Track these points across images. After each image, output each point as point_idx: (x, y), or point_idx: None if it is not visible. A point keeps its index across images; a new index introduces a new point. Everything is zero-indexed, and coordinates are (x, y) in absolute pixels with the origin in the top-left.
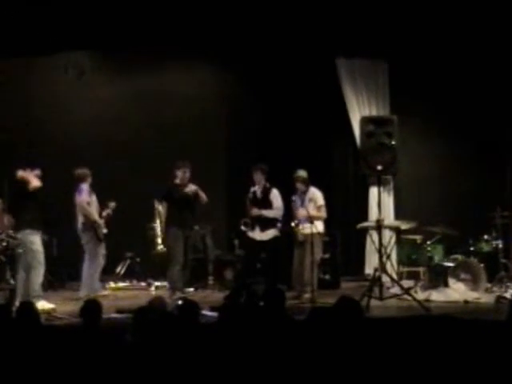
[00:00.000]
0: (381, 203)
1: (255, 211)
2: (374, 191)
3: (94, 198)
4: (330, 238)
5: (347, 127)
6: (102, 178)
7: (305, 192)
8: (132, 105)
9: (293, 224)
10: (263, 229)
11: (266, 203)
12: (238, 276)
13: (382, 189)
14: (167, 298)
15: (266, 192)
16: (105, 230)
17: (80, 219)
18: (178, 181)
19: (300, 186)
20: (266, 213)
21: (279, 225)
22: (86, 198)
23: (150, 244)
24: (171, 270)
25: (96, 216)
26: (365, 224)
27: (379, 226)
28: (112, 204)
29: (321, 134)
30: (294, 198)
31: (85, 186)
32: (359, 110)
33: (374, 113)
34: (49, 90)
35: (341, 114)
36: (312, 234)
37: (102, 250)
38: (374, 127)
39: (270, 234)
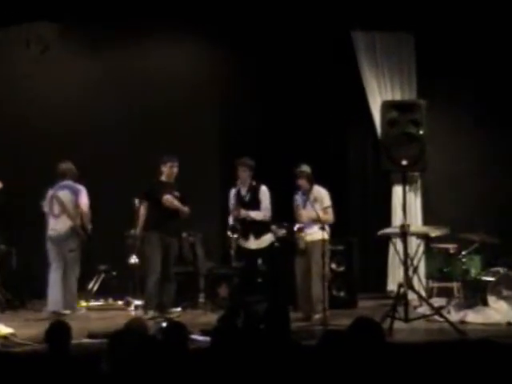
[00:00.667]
0: (406, 205)
1: (243, 212)
2: (397, 191)
3: None
4: (345, 246)
5: (365, 114)
6: None
7: (308, 191)
8: (106, 87)
9: (296, 228)
10: (258, 235)
11: (254, 203)
12: (234, 293)
13: (407, 188)
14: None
15: (254, 190)
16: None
17: (68, 223)
18: (163, 178)
19: (303, 183)
20: (254, 214)
21: (274, 227)
22: (87, 200)
23: (128, 255)
24: (147, 282)
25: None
26: (387, 230)
27: (404, 233)
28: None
29: (333, 123)
30: (296, 197)
31: (80, 186)
32: (380, 94)
33: (398, 97)
34: (7, 68)
35: (357, 98)
36: (321, 241)
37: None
38: (398, 114)
39: (267, 239)
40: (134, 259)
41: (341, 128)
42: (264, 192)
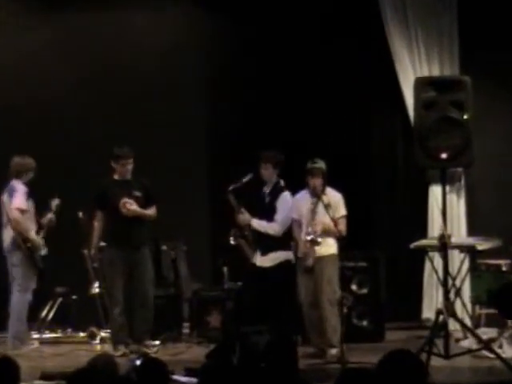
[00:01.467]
0: (446, 210)
1: (244, 218)
2: (435, 192)
3: (30, 203)
4: (368, 263)
5: (394, 95)
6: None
7: (321, 193)
8: (65, 59)
9: (309, 238)
10: (264, 250)
11: (272, 210)
12: (228, 321)
13: (448, 188)
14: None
15: (276, 194)
16: (44, 251)
17: (10, 233)
18: (116, 176)
19: (318, 183)
20: (257, 224)
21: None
22: (22, 204)
23: (91, 278)
24: (109, 315)
25: (33, 232)
26: (422, 242)
27: (444, 246)
28: (55, 202)
29: (353, 107)
30: (297, 197)
31: (20, 185)
32: (413, 68)
33: (436, 72)
34: None
35: (385, 74)
36: (335, 256)
37: (33, 283)
38: (436, 94)
39: (276, 258)
40: (96, 287)
41: (363, 113)
42: (283, 200)
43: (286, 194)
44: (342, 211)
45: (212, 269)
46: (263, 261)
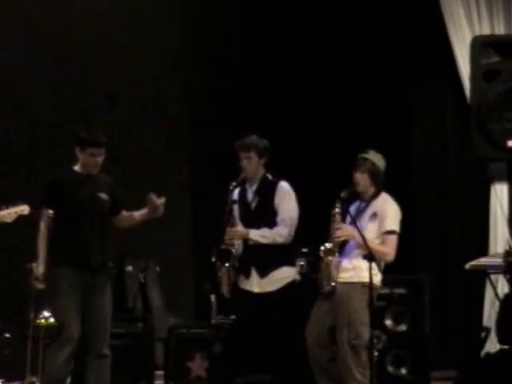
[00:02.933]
0: None
1: (239, 232)
2: (499, 193)
3: None
4: (408, 289)
5: (444, 61)
6: None
7: (370, 197)
8: (18, 32)
9: (323, 249)
10: (264, 270)
11: (266, 215)
12: (215, 370)
13: None
14: None
15: (267, 191)
16: None
17: None
18: (77, 168)
19: (362, 180)
20: (258, 236)
21: (302, 263)
22: None
23: (32, 307)
24: (51, 353)
25: None
26: (482, 262)
27: (511, 266)
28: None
29: (386, 77)
30: (337, 206)
31: None
32: (470, 25)
33: (501, 30)
34: None
35: (430, 33)
36: (364, 287)
37: None
38: (502, 59)
39: (280, 278)
40: (43, 317)
41: (399, 88)
42: (284, 193)
43: (285, 185)
44: (391, 225)
45: (195, 298)
46: (263, 285)
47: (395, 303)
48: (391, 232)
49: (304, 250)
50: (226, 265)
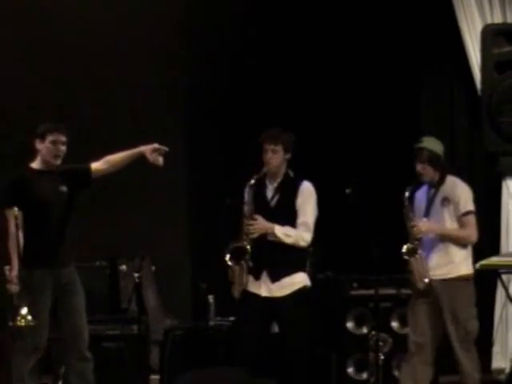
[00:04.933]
0: None
1: (263, 226)
2: (511, 188)
3: None
4: None
5: (454, 50)
6: None
7: (438, 184)
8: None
9: (405, 252)
10: (277, 275)
11: (286, 213)
12: (216, 376)
13: None
14: None
15: (289, 188)
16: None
17: None
18: (37, 164)
19: (424, 170)
20: (283, 233)
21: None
22: None
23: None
24: (17, 361)
25: None
26: (493, 261)
27: None
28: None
29: (394, 69)
30: (407, 194)
31: None
32: (481, 14)
33: None
34: None
35: (440, 22)
36: (464, 279)
37: None
38: None
39: (291, 283)
40: (21, 316)
41: (409, 77)
42: (308, 194)
43: (309, 185)
44: (468, 206)
45: (192, 298)
46: (273, 289)
47: (402, 304)
48: (468, 213)
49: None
50: (242, 263)
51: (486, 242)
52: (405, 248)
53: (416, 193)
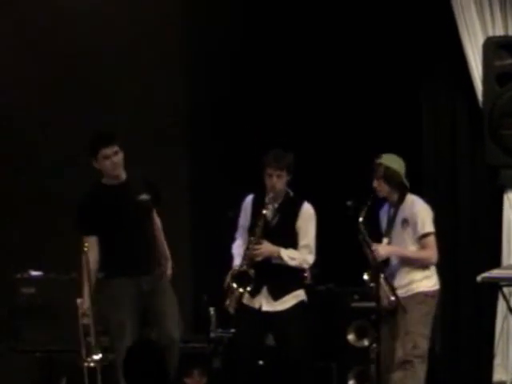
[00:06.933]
0: None
1: (269, 249)
2: None
3: None
4: None
5: (455, 62)
6: None
7: (397, 204)
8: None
9: (366, 277)
10: (278, 293)
11: (286, 234)
12: None
13: None
14: None
15: (289, 210)
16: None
17: None
18: (104, 180)
19: (380, 186)
20: (287, 257)
21: (307, 278)
22: None
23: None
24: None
25: None
26: (494, 273)
27: None
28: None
29: (394, 81)
30: (361, 219)
31: None
32: (482, 26)
33: None
34: None
35: (441, 34)
36: (422, 297)
37: None
38: None
39: (289, 299)
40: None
41: (409, 90)
42: (308, 216)
43: (309, 207)
44: (426, 228)
45: (193, 310)
46: (273, 305)
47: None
48: (427, 234)
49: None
50: (248, 289)
51: (487, 255)
52: (366, 276)
53: (380, 211)
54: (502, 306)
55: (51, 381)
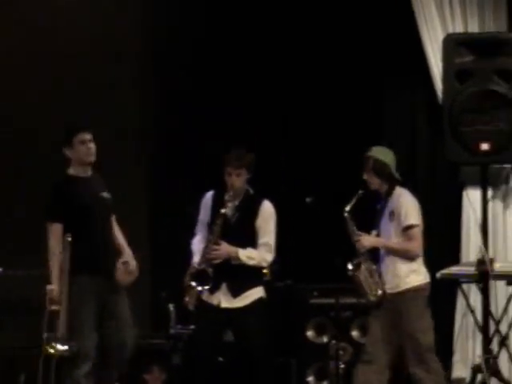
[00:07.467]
0: (488, 224)
1: (226, 250)
2: (472, 198)
3: None
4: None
5: (415, 59)
6: None
7: (386, 196)
8: None
9: (350, 266)
10: (238, 290)
11: (246, 233)
12: (173, 382)
13: (490, 193)
14: None
15: (249, 208)
16: None
17: None
18: (73, 170)
19: (370, 179)
20: (246, 256)
21: (267, 275)
22: None
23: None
24: (73, 373)
25: None
26: (453, 270)
27: (485, 275)
28: None
29: (356, 77)
30: (348, 208)
31: None
32: (442, 24)
33: (475, 28)
34: None
35: (401, 31)
36: (415, 291)
37: None
38: (475, 58)
39: (248, 295)
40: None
41: (371, 87)
42: (268, 215)
43: (269, 205)
44: (411, 220)
45: (152, 306)
46: (233, 301)
47: (362, 313)
48: (411, 226)
49: None
50: (206, 288)
51: (447, 252)
52: (350, 265)
53: (376, 204)
54: (461, 302)
55: (11, 377)
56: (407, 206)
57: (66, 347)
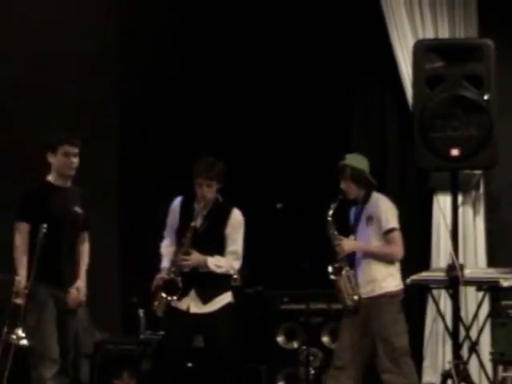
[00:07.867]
0: (458, 230)
1: (196, 259)
2: (442, 204)
3: None
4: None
5: (385, 65)
6: None
7: (363, 202)
8: None
9: (330, 269)
10: (208, 296)
11: (214, 240)
12: None
13: (461, 199)
14: None
15: (218, 215)
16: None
17: None
18: (52, 178)
19: (347, 187)
20: (214, 265)
21: (235, 280)
22: None
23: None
24: (39, 375)
25: None
26: (423, 276)
27: (455, 281)
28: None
29: (325, 81)
30: (330, 212)
31: None
32: (412, 29)
33: (445, 34)
34: None
35: (371, 36)
36: (389, 297)
37: None
38: (445, 64)
39: (217, 301)
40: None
41: (340, 91)
42: (237, 223)
43: (238, 214)
44: (391, 223)
45: (122, 312)
46: (201, 307)
47: (333, 319)
48: (391, 230)
49: None
50: (174, 298)
51: (417, 257)
52: (330, 268)
53: (350, 210)
54: (431, 308)
55: None
56: (387, 210)
57: (26, 341)
